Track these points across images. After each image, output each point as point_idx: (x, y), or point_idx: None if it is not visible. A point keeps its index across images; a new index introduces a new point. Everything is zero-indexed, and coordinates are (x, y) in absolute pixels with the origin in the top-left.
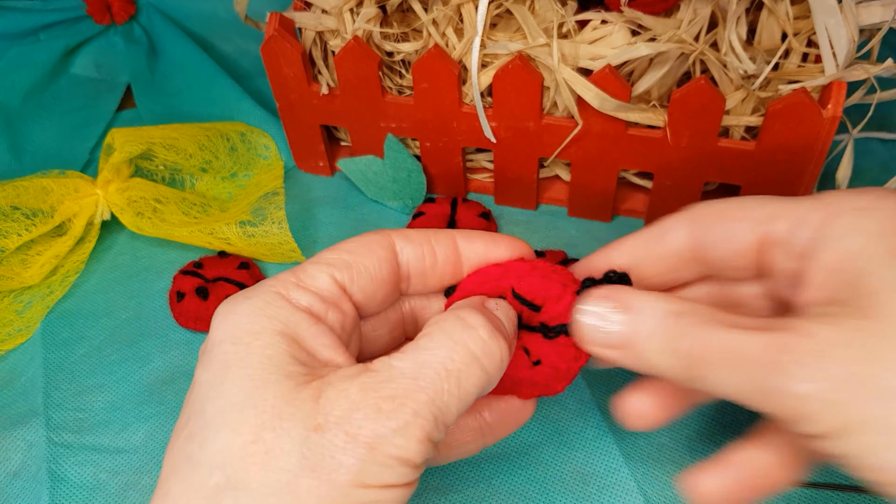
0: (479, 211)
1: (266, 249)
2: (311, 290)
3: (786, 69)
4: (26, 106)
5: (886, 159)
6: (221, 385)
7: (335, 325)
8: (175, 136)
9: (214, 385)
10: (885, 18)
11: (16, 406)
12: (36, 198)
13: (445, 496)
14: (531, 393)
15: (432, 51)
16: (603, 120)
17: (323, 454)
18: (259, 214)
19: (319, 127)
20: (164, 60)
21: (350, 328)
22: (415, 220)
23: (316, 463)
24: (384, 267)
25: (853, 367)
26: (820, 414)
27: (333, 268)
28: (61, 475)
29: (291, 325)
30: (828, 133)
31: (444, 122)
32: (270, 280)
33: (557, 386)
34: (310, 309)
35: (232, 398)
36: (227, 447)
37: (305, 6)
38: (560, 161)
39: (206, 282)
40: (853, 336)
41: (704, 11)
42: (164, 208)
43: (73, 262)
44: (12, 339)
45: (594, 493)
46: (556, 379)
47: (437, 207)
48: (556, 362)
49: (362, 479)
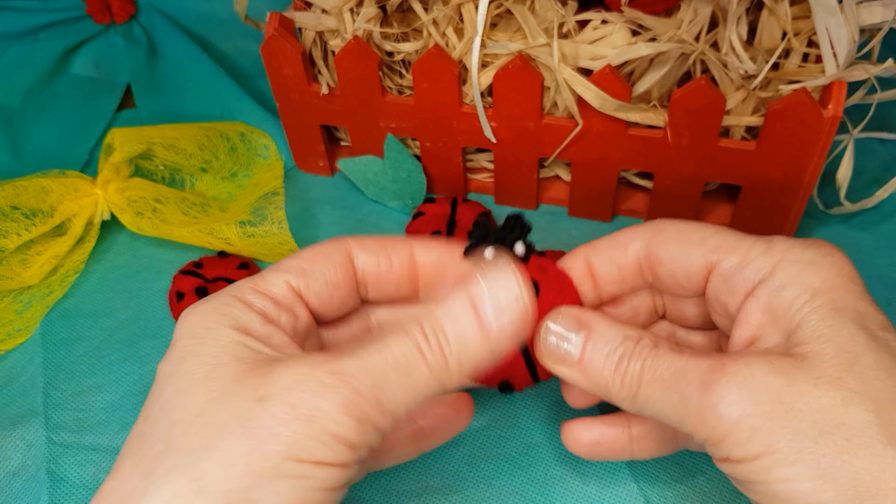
0: (479, 211)
1: (266, 249)
2: (266, 294)
3: (786, 69)
4: (26, 106)
5: (887, 159)
6: (177, 372)
7: (287, 327)
8: (175, 136)
9: (170, 373)
10: (885, 18)
11: (15, 406)
12: (36, 198)
13: (445, 496)
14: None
15: (432, 51)
16: (603, 120)
17: (260, 424)
18: (259, 214)
19: (319, 127)
20: (163, 60)
21: (303, 332)
22: (415, 220)
23: (252, 431)
24: (339, 272)
25: (779, 399)
26: (741, 439)
27: (289, 274)
28: (61, 475)
29: (243, 322)
30: (828, 133)
31: (445, 122)
32: (231, 286)
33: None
34: (263, 310)
35: (185, 382)
36: (174, 421)
37: (305, 6)
38: (560, 161)
39: (205, 282)
40: (782, 373)
41: (705, 11)
42: (163, 208)
43: (73, 262)
44: (12, 339)
45: (594, 493)
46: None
47: (436, 207)
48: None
49: (295, 451)
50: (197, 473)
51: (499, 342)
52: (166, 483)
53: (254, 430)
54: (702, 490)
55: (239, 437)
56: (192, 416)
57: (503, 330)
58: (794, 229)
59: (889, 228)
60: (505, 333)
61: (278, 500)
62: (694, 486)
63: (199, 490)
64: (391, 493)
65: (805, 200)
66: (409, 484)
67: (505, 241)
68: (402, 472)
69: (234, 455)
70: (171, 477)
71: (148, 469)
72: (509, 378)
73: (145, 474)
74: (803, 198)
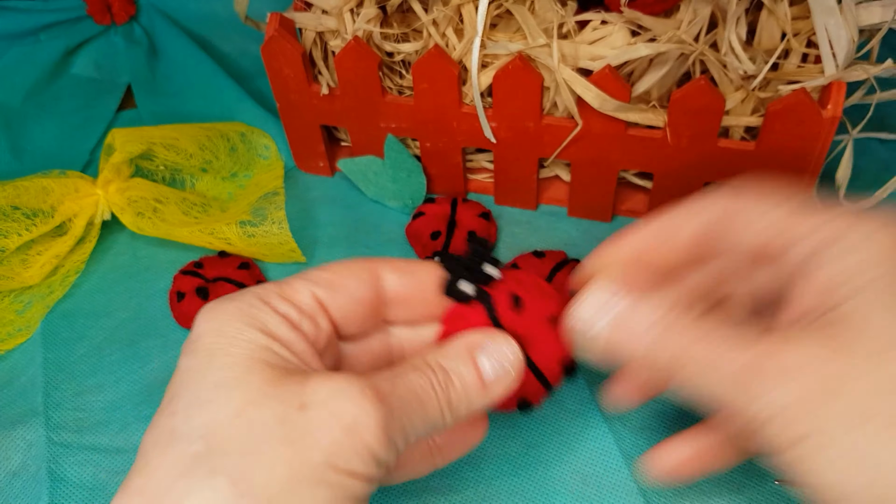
0: (479, 211)
1: (266, 249)
2: (291, 301)
3: (785, 69)
4: (26, 106)
5: (886, 159)
6: (207, 369)
7: (309, 336)
8: (175, 137)
9: (200, 370)
10: (884, 19)
11: (15, 405)
12: (36, 198)
13: (445, 496)
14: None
15: (432, 51)
16: (603, 120)
17: (302, 431)
18: (259, 215)
19: (319, 127)
20: (164, 61)
21: (324, 343)
22: (415, 220)
23: (294, 438)
24: (364, 289)
25: (828, 384)
26: (785, 423)
27: (315, 284)
28: (61, 475)
29: (271, 326)
30: (827, 133)
31: (444, 123)
32: (256, 288)
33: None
34: (287, 316)
35: (218, 380)
36: (211, 420)
37: (306, 6)
38: (560, 161)
39: (206, 282)
40: (832, 356)
41: (704, 12)
42: (164, 208)
43: (74, 262)
44: (12, 338)
45: (594, 493)
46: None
47: (437, 207)
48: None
49: (334, 460)
50: (239, 476)
51: (494, 395)
52: (208, 484)
53: (296, 437)
54: (701, 489)
55: (281, 443)
56: (230, 416)
57: (498, 387)
58: None
59: None
60: (499, 390)
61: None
62: (694, 486)
63: (241, 493)
64: (391, 492)
65: None
66: (409, 484)
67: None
68: None
69: (276, 459)
70: (214, 478)
71: (187, 468)
72: (524, 395)
73: (184, 473)
74: None
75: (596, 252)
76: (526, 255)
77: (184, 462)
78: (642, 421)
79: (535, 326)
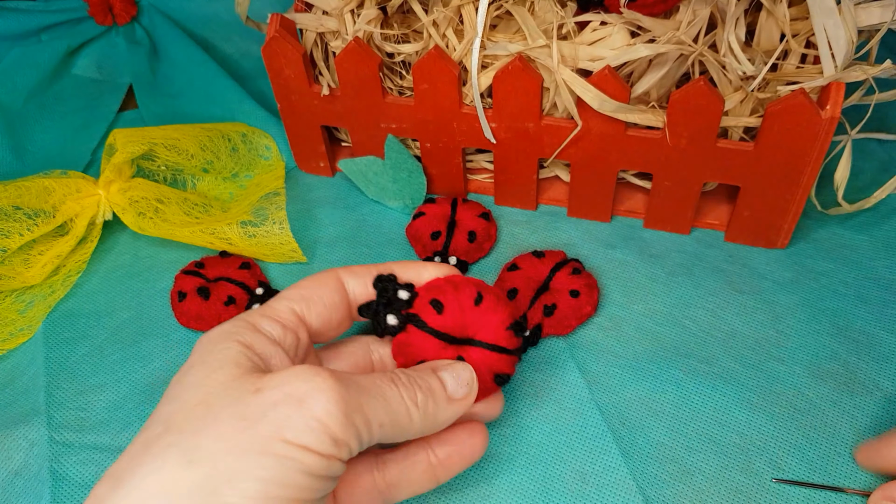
0: (479, 211)
1: (267, 249)
2: (274, 319)
3: (784, 70)
4: (28, 107)
5: (885, 160)
6: (182, 380)
7: (290, 348)
8: (176, 137)
9: (176, 381)
10: (883, 20)
11: (18, 405)
12: (38, 198)
13: (445, 495)
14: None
15: (432, 52)
16: (602, 121)
17: (255, 409)
18: (260, 215)
19: (320, 128)
20: (165, 61)
21: (304, 351)
22: (415, 220)
23: (246, 415)
24: (335, 295)
25: None
26: None
27: (293, 301)
28: (63, 474)
29: (249, 339)
30: (826, 134)
31: (445, 123)
32: (244, 313)
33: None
34: (270, 333)
35: (189, 381)
36: (175, 409)
37: (306, 7)
38: (560, 162)
39: (207, 282)
40: None
41: (703, 13)
42: (165, 208)
43: (75, 262)
44: (14, 338)
45: (593, 492)
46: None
47: (437, 208)
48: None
49: (283, 433)
50: (189, 447)
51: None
52: (161, 455)
53: (247, 413)
54: (700, 489)
55: (231, 417)
56: (191, 406)
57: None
58: (791, 230)
59: (887, 229)
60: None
61: (263, 474)
62: (692, 485)
63: (190, 461)
64: None
65: (803, 201)
66: None
67: (393, 299)
68: None
69: (225, 432)
70: (166, 451)
71: (145, 447)
72: (495, 371)
73: (142, 450)
74: (801, 198)
75: None
76: (525, 256)
77: (143, 443)
78: (641, 420)
79: (466, 315)
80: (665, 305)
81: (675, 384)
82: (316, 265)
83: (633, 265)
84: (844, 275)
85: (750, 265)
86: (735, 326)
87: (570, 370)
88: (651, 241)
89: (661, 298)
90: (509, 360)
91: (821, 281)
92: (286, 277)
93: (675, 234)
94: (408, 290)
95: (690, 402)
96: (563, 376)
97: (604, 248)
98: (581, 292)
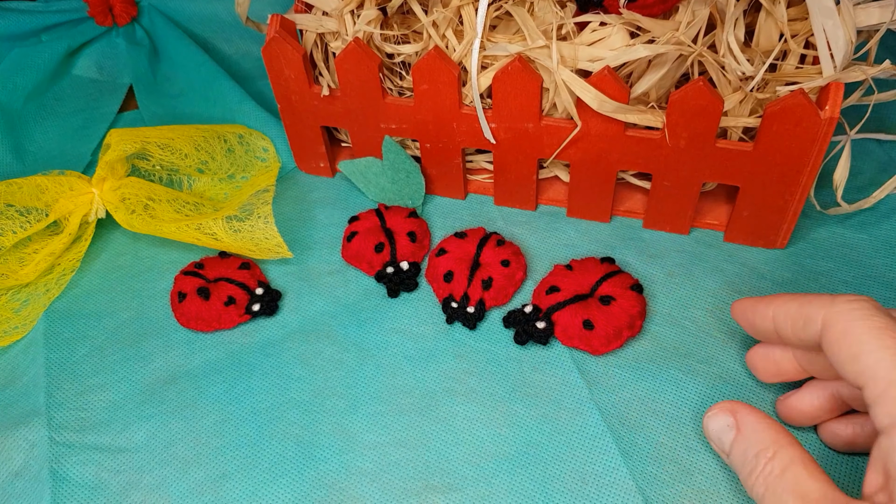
0: (406, 213)
1: (252, 245)
2: None
3: (784, 71)
4: (28, 107)
5: (884, 160)
6: None
7: None
8: (171, 137)
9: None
10: (882, 20)
11: (18, 406)
12: (31, 196)
13: (446, 495)
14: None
15: (432, 52)
16: (602, 121)
17: None
18: (246, 210)
19: (320, 128)
20: (165, 62)
21: None
22: (350, 241)
23: None
24: None
25: None
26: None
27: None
28: (63, 475)
29: None
30: (825, 134)
31: (444, 124)
32: None
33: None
34: None
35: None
36: None
37: (306, 8)
38: (559, 162)
39: (207, 282)
40: None
41: (703, 13)
42: (156, 206)
43: (69, 261)
44: (9, 336)
45: (593, 492)
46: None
47: (365, 222)
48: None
49: None
50: None
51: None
52: None
53: None
54: (700, 489)
55: None
56: None
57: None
58: (791, 230)
59: (886, 229)
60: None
61: None
62: (692, 485)
63: None
64: (392, 491)
65: (802, 201)
66: (410, 482)
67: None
68: (403, 471)
69: None
70: None
71: None
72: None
73: None
74: (800, 198)
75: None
76: (449, 238)
77: None
78: (641, 420)
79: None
80: (664, 305)
81: (674, 384)
82: (315, 265)
83: (632, 265)
84: (844, 274)
85: (749, 265)
86: (735, 326)
87: (570, 370)
88: (650, 242)
89: (661, 298)
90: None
91: (820, 281)
92: (286, 277)
93: (675, 235)
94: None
95: (690, 402)
96: (562, 376)
97: (603, 249)
98: (511, 261)
